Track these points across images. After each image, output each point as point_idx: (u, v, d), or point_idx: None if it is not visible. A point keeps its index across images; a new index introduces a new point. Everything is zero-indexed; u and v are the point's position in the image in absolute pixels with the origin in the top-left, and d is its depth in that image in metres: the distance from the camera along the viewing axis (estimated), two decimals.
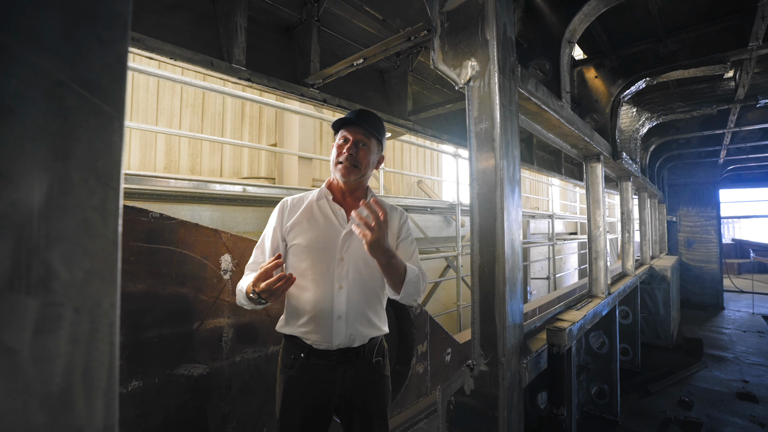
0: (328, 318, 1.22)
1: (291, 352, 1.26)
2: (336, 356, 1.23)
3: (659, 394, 3.05)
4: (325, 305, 1.22)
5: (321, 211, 1.31)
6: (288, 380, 1.25)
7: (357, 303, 1.26)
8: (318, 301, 1.23)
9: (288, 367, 1.26)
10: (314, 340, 1.23)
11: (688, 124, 4.23)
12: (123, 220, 1.27)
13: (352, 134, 1.29)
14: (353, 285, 1.25)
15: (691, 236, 6.40)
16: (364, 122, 1.29)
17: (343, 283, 1.24)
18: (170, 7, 1.53)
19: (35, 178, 0.33)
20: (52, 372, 0.34)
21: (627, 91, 2.60)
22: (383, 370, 1.33)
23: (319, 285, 1.23)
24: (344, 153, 1.27)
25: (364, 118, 1.31)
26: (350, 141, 1.29)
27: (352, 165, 1.28)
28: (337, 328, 1.22)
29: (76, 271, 0.35)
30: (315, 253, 1.25)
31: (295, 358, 1.25)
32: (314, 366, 1.23)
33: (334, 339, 1.22)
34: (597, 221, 2.45)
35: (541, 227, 10.64)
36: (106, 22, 0.38)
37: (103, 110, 0.37)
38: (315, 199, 1.34)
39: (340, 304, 1.23)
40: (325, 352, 1.23)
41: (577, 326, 1.75)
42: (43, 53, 0.34)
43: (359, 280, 1.26)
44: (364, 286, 1.27)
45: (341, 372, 1.24)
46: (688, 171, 6.36)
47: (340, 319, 1.23)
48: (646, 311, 4.21)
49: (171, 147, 4.77)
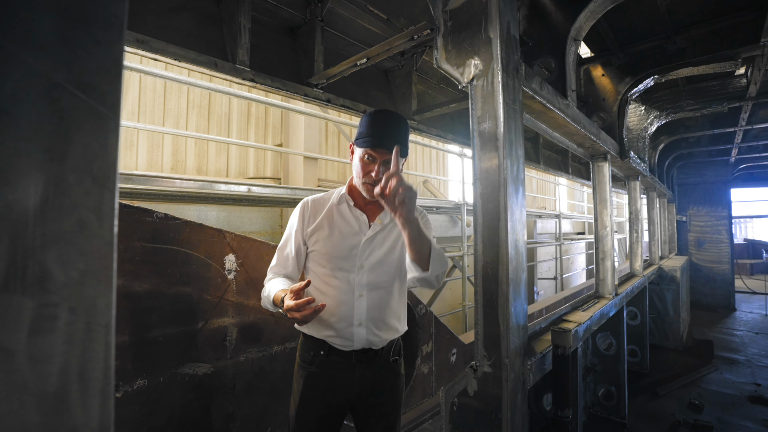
0: (348, 325, 1.22)
1: (311, 348, 1.26)
2: (356, 356, 1.24)
3: (668, 397, 3.01)
4: (346, 313, 1.22)
5: (342, 216, 1.28)
6: (308, 376, 1.25)
7: (377, 310, 1.25)
8: (338, 309, 1.22)
9: (308, 363, 1.26)
10: (335, 343, 1.23)
11: (698, 122, 4.16)
12: (128, 220, 1.30)
13: (379, 154, 1.17)
14: (373, 292, 1.24)
15: (701, 236, 6.29)
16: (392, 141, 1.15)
17: (363, 291, 1.23)
18: (175, 9, 1.54)
19: (31, 179, 0.33)
20: (48, 372, 0.34)
21: (635, 89, 2.56)
22: (399, 369, 1.34)
23: (340, 292, 1.22)
24: (370, 175, 1.18)
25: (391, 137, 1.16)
26: (377, 161, 1.18)
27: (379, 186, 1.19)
28: (358, 334, 1.22)
29: (72, 271, 0.36)
30: (336, 260, 1.23)
31: (315, 354, 1.25)
32: (335, 363, 1.24)
33: (355, 343, 1.23)
34: (604, 221, 2.42)
35: (548, 227, 10.55)
36: (102, 23, 0.38)
37: (99, 111, 0.37)
38: (336, 203, 1.30)
39: (361, 311, 1.22)
40: (346, 352, 1.24)
41: (583, 327, 1.73)
42: (39, 55, 0.34)
43: (379, 287, 1.25)
44: (384, 292, 1.26)
45: (360, 370, 1.25)
46: (698, 170, 6.26)
47: (361, 326, 1.22)
48: (655, 312, 4.15)
49: (178, 148, 4.81)
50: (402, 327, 1.34)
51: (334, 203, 1.30)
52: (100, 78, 0.38)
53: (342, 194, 1.31)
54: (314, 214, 1.29)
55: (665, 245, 5.29)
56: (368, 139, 1.16)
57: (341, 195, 1.31)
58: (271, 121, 5.88)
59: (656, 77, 2.52)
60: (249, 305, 1.71)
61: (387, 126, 1.17)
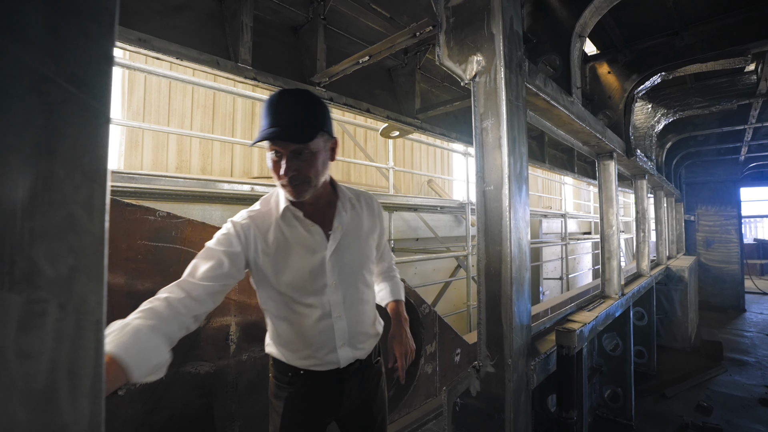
0: (331, 349, 1.10)
1: (288, 370, 1.11)
2: (341, 372, 1.13)
3: (676, 399, 2.96)
4: (328, 337, 1.09)
5: (293, 232, 1.07)
6: (290, 398, 1.10)
7: (358, 324, 1.14)
8: (318, 337, 1.08)
9: (286, 383, 1.11)
10: (318, 368, 1.11)
11: (707, 120, 4.10)
12: (131, 218, 1.29)
13: (283, 147, 0.97)
14: (352, 308, 1.12)
15: (710, 236, 6.20)
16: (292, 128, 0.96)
17: (340, 310, 1.09)
18: (177, 8, 1.54)
19: (19, 173, 0.33)
20: (36, 369, 0.33)
21: (641, 87, 2.53)
22: (381, 368, 1.29)
23: (316, 318, 1.07)
24: (282, 175, 0.98)
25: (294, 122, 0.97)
26: (284, 155, 0.98)
27: (298, 184, 1.01)
28: (343, 354, 1.12)
29: (61, 267, 0.35)
30: (302, 285, 1.06)
31: (294, 375, 1.11)
32: (318, 382, 1.12)
33: (340, 362, 1.12)
34: (610, 220, 2.39)
35: (553, 227, 10.47)
36: (92, 16, 0.37)
37: (88, 105, 0.37)
38: (281, 221, 1.07)
39: (342, 332, 1.10)
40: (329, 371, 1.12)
41: (588, 328, 1.70)
42: (28, 48, 0.34)
43: (355, 298, 1.13)
44: (360, 302, 1.15)
45: (348, 383, 1.15)
46: (707, 169, 6.17)
47: (344, 346, 1.12)
48: (663, 313, 4.10)
49: (182, 147, 4.85)
50: (380, 326, 1.26)
51: (277, 218, 1.08)
52: (90, 71, 0.37)
53: (286, 208, 1.07)
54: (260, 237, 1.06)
55: (673, 245, 5.22)
56: (265, 132, 0.96)
57: (284, 208, 1.07)
58: None
59: (663, 74, 2.48)
60: (251, 304, 1.71)
61: (285, 111, 0.97)
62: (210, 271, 0.97)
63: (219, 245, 1.02)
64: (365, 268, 1.18)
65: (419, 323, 2.77)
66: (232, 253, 1.01)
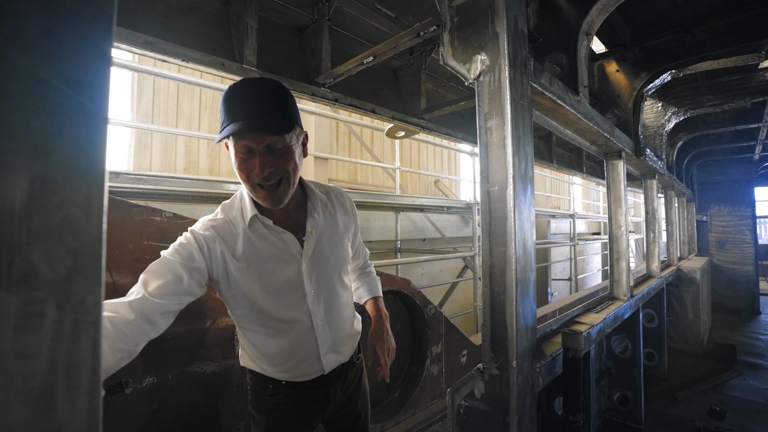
0: (316, 357, 1.05)
1: (268, 382, 1.05)
2: (325, 378, 1.10)
3: (687, 403, 2.91)
4: (310, 347, 1.04)
5: (264, 244, 0.97)
6: (275, 409, 1.05)
7: (339, 329, 1.11)
8: (300, 348, 1.03)
9: (269, 395, 1.06)
10: (301, 379, 1.06)
11: (719, 118, 4.02)
12: (137, 219, 1.30)
13: (255, 141, 0.86)
14: (332, 314, 1.08)
15: (723, 236, 6.08)
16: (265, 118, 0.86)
17: (321, 318, 1.05)
18: (183, 11, 1.56)
19: (17, 175, 0.33)
20: (34, 369, 0.34)
21: (651, 85, 2.48)
22: (362, 363, 1.25)
23: (297, 331, 1.02)
24: (257, 172, 0.87)
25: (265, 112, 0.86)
26: (255, 151, 0.87)
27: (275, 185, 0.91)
28: (327, 361, 1.08)
29: (59, 268, 0.35)
30: (279, 299, 0.99)
31: (276, 387, 1.06)
32: (302, 390, 1.07)
33: (325, 370, 1.08)
34: (619, 221, 2.35)
35: (562, 227, 10.36)
36: (90, 18, 0.37)
37: (86, 107, 0.37)
38: (251, 233, 0.97)
39: (324, 339, 1.06)
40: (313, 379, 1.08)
41: (596, 330, 1.68)
42: (25, 50, 0.34)
43: (336, 305, 1.10)
44: (341, 305, 1.11)
45: (333, 386, 1.13)
46: (720, 168, 6.04)
47: (328, 353, 1.08)
48: (674, 315, 4.02)
49: (190, 148, 4.90)
50: (359, 324, 1.22)
51: (244, 228, 0.97)
52: (88, 73, 0.37)
53: (253, 216, 0.97)
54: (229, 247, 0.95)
55: (684, 246, 5.13)
56: (233, 126, 0.84)
57: (250, 215, 0.97)
58: None
59: (673, 72, 2.44)
60: None
61: (251, 100, 0.86)
62: (166, 287, 0.84)
63: (178, 257, 0.89)
64: (342, 270, 1.13)
65: (425, 324, 2.76)
66: (192, 267, 0.89)
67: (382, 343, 1.19)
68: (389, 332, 1.23)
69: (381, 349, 1.18)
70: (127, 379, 1.35)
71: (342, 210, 1.16)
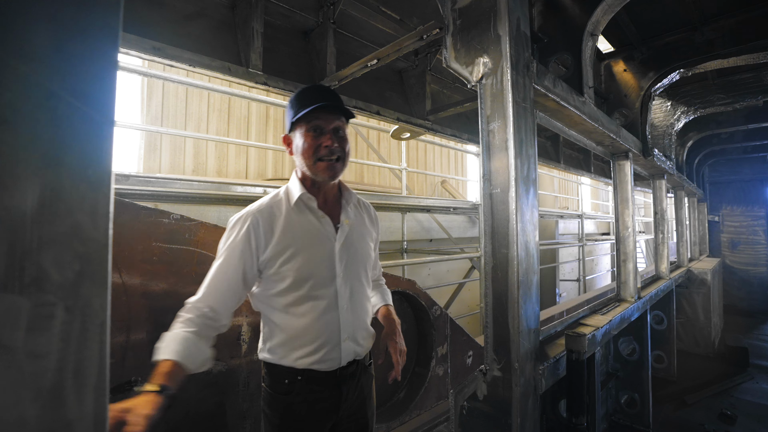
0: (336, 343, 1.10)
1: (284, 377, 1.09)
2: (340, 373, 1.12)
3: (697, 406, 2.86)
4: (332, 330, 1.09)
5: (307, 223, 1.09)
6: (288, 408, 1.08)
7: (360, 318, 1.16)
8: (324, 328, 1.08)
9: (284, 393, 1.08)
10: (320, 367, 1.09)
11: (731, 117, 3.95)
12: (146, 221, 1.33)
13: (326, 121, 1.05)
14: (356, 300, 1.14)
15: (735, 237, 5.97)
16: (338, 103, 1.07)
17: (346, 302, 1.11)
18: (190, 16, 1.59)
19: (28, 184, 0.35)
20: (45, 368, 0.36)
21: (659, 84, 2.46)
22: (372, 370, 1.28)
23: (324, 311, 1.08)
24: (325, 147, 1.04)
25: (335, 98, 1.08)
26: (326, 130, 1.05)
27: (336, 160, 1.07)
28: (346, 349, 1.11)
29: (68, 272, 0.37)
30: (312, 278, 1.07)
31: (291, 382, 1.08)
32: (317, 387, 1.10)
33: (342, 360, 1.11)
34: (626, 221, 2.33)
35: (570, 227, 10.26)
36: (96, 33, 0.39)
37: (93, 118, 0.39)
38: (293, 209, 1.10)
39: (347, 324, 1.11)
40: (328, 373, 1.10)
41: (601, 332, 1.67)
42: (36, 66, 0.36)
43: (360, 293, 1.16)
44: (363, 297, 1.18)
45: (346, 387, 1.14)
46: (732, 167, 5.93)
47: (348, 340, 1.12)
48: (684, 317, 3.97)
49: (199, 150, 4.97)
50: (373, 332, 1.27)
51: (290, 209, 1.10)
52: (95, 86, 0.39)
53: (299, 195, 1.09)
54: (270, 231, 1.07)
55: (695, 246, 5.05)
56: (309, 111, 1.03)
57: (297, 196, 1.09)
58: None
59: (682, 71, 2.41)
60: None
61: (321, 94, 1.08)
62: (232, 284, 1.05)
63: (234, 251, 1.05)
64: (367, 265, 1.21)
65: (430, 325, 2.76)
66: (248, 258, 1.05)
67: (395, 343, 1.23)
68: (401, 335, 1.26)
69: (393, 348, 1.22)
70: (137, 378, 1.38)
71: (368, 217, 1.27)
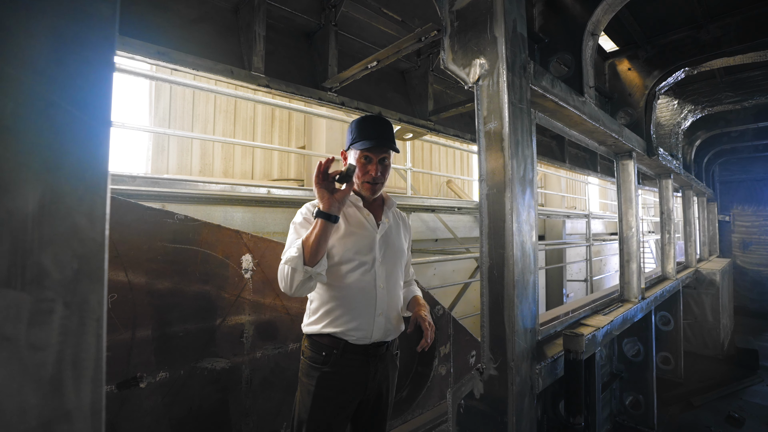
0: (371, 315, 1.29)
1: (322, 348, 1.28)
2: (370, 350, 1.30)
3: (704, 408, 2.83)
4: (369, 304, 1.30)
5: (352, 215, 1.36)
6: (322, 377, 1.26)
7: (393, 300, 1.36)
8: (362, 300, 1.30)
9: (320, 363, 1.27)
10: (354, 336, 1.27)
11: (740, 115, 3.88)
12: (151, 221, 1.38)
13: (376, 154, 1.33)
14: (390, 284, 1.36)
15: (747, 237, 5.86)
16: (388, 142, 1.33)
17: (383, 282, 1.33)
18: (195, 21, 1.62)
19: (29, 188, 0.37)
20: (45, 360, 0.38)
21: (663, 83, 2.43)
22: (397, 361, 1.45)
23: (363, 284, 1.30)
24: (370, 174, 1.33)
25: (386, 135, 1.34)
26: (374, 161, 1.33)
27: (377, 184, 1.36)
28: (378, 324, 1.30)
29: (66, 270, 0.39)
30: (357, 255, 1.31)
31: (328, 354, 1.27)
32: (350, 360, 1.28)
33: (373, 335, 1.29)
34: (629, 221, 2.31)
35: (578, 227, 10.16)
36: (93, 45, 0.42)
37: (90, 125, 0.41)
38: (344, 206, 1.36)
39: (382, 302, 1.32)
40: (361, 347, 1.28)
41: (602, 332, 1.66)
42: (37, 77, 0.38)
43: (394, 279, 1.37)
44: (396, 285, 1.39)
45: (374, 365, 1.31)
46: (743, 166, 5.83)
47: (381, 316, 1.31)
48: (692, 318, 3.91)
49: (206, 151, 5.03)
50: (403, 325, 1.43)
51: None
52: (92, 95, 0.41)
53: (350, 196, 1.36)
54: None
55: (705, 247, 4.97)
56: (364, 142, 1.31)
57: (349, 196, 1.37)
58: (295, 124, 6.02)
59: (687, 69, 2.38)
60: (265, 303, 1.77)
61: (379, 128, 1.34)
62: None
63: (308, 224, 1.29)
64: (402, 260, 1.43)
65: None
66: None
67: (424, 315, 1.39)
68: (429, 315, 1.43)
69: (422, 320, 1.37)
70: (142, 374, 1.42)
71: (403, 225, 1.52)
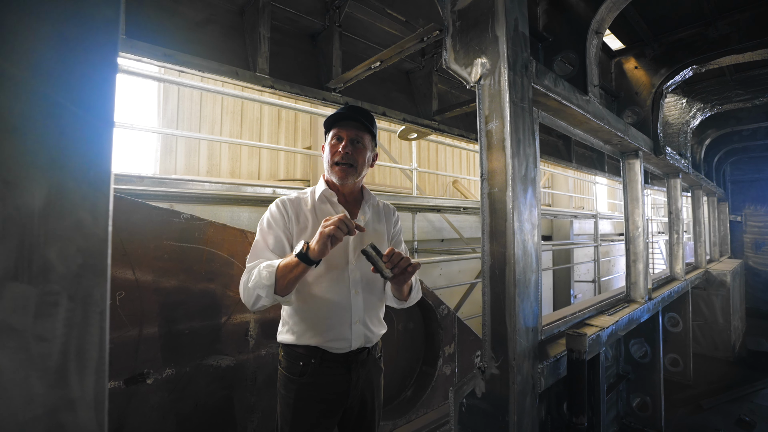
0: (347, 324, 1.20)
1: (299, 358, 1.20)
2: (351, 357, 1.21)
3: (714, 411, 2.79)
4: (344, 311, 1.21)
5: (323, 213, 1.25)
6: (301, 389, 1.18)
7: (371, 305, 1.27)
8: (336, 308, 1.20)
9: (298, 375, 1.19)
10: (332, 347, 1.19)
11: (752, 113, 3.81)
12: (158, 221, 1.41)
13: (346, 131, 1.24)
14: (366, 288, 1.25)
15: (759, 238, 5.75)
16: (358, 116, 1.24)
17: (357, 287, 1.23)
18: (201, 23, 1.65)
19: (36, 185, 0.39)
20: (50, 351, 0.40)
21: (671, 81, 2.41)
22: (381, 364, 1.37)
23: (336, 292, 1.21)
24: (339, 152, 1.23)
25: (357, 112, 1.26)
26: (344, 139, 1.23)
27: (348, 165, 1.24)
28: (356, 331, 1.22)
29: (71, 265, 0.41)
30: (328, 260, 1.19)
31: (305, 364, 1.19)
32: (329, 369, 1.19)
33: (352, 343, 1.21)
34: (636, 221, 2.29)
35: (586, 227, 10.05)
36: (97, 47, 0.43)
37: (94, 125, 0.43)
38: (317, 202, 1.27)
39: (358, 308, 1.22)
40: (341, 355, 1.20)
41: (607, 332, 1.65)
42: (44, 79, 0.40)
43: (370, 282, 1.26)
44: (373, 287, 1.28)
45: (356, 372, 1.22)
46: (756, 165, 5.71)
47: (358, 323, 1.22)
48: (702, 319, 3.86)
49: (213, 152, 5.09)
50: (384, 326, 1.35)
51: (315, 202, 1.28)
52: (95, 95, 0.43)
53: (325, 191, 1.28)
54: (295, 214, 1.24)
55: (715, 247, 4.90)
56: (333, 123, 1.25)
57: (323, 191, 1.28)
58: (301, 125, 6.06)
59: (695, 67, 2.35)
60: None
61: (351, 110, 1.28)
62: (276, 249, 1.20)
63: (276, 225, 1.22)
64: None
65: (437, 324, 2.77)
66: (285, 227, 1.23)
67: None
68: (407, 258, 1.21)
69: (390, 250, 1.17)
70: (149, 370, 1.44)
71: (386, 215, 1.41)
